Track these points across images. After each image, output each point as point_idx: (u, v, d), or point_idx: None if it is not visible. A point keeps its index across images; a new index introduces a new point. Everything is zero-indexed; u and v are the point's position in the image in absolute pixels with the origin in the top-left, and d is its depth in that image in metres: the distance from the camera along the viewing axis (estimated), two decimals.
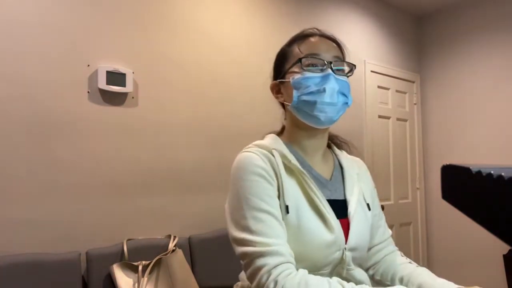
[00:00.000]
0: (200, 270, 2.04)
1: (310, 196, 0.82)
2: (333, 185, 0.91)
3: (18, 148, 1.74)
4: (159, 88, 2.17)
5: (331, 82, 0.83)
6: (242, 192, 0.78)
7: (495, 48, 3.42)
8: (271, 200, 0.78)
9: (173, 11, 2.25)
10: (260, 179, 0.79)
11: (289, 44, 0.92)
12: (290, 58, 0.89)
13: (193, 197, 2.23)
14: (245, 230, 0.75)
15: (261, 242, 0.73)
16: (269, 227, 0.74)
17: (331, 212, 0.83)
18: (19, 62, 1.76)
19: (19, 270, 1.60)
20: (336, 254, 0.81)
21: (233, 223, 0.78)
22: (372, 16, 3.52)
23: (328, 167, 0.94)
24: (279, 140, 0.90)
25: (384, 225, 1.03)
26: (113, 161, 1.99)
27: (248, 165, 0.80)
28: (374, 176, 3.80)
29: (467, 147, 3.55)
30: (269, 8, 2.71)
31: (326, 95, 0.83)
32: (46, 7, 1.84)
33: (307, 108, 0.84)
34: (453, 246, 3.63)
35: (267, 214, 0.76)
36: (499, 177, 0.50)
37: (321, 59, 0.85)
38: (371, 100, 3.41)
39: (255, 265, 0.72)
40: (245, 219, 0.75)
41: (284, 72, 0.90)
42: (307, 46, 0.87)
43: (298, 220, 0.79)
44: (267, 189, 0.78)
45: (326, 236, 0.80)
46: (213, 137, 2.34)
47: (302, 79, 0.84)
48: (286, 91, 0.90)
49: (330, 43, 0.90)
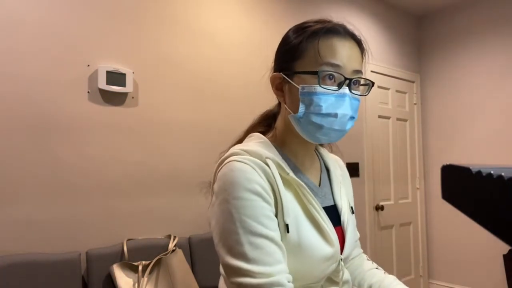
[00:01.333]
0: (200, 270, 2.04)
1: (308, 208, 0.76)
2: (322, 191, 0.85)
3: (18, 148, 1.74)
4: (159, 88, 2.17)
5: (344, 106, 0.73)
6: (236, 214, 0.67)
7: (495, 48, 3.42)
8: (269, 222, 0.69)
9: (173, 11, 2.25)
10: (256, 198, 0.69)
11: (307, 37, 0.75)
12: (305, 57, 0.75)
13: (193, 197, 2.24)
14: (240, 258, 0.66)
15: (260, 272, 0.65)
16: (267, 254, 0.66)
17: (329, 223, 0.78)
18: (19, 62, 1.76)
19: (19, 270, 1.60)
20: (333, 266, 0.79)
21: (225, 248, 0.68)
22: (372, 16, 3.52)
23: (316, 170, 0.88)
24: (271, 145, 0.80)
25: (358, 237, 0.99)
26: (113, 161, 1.99)
27: (242, 180, 0.69)
28: (374, 176, 3.77)
29: (467, 147, 3.55)
30: (270, 8, 2.71)
31: (337, 122, 0.73)
32: (46, 7, 1.84)
33: (312, 128, 0.75)
34: (453, 246, 3.63)
35: (265, 239, 0.67)
36: (499, 177, 0.49)
37: (342, 74, 0.73)
38: (371, 100, 3.41)
39: None
40: (241, 245, 0.66)
41: (293, 71, 0.76)
42: (329, 50, 0.73)
43: (298, 238, 0.72)
44: (265, 208, 0.69)
45: (326, 250, 0.75)
46: (213, 137, 2.34)
47: (314, 96, 0.72)
48: (290, 95, 0.77)
49: (354, 50, 0.76)
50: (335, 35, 0.75)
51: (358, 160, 3.26)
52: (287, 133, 0.82)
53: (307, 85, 0.73)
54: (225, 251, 0.68)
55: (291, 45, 0.78)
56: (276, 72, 0.81)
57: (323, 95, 0.72)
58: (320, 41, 0.74)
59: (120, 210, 1.99)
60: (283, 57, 0.80)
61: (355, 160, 3.24)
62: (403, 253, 3.59)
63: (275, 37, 2.79)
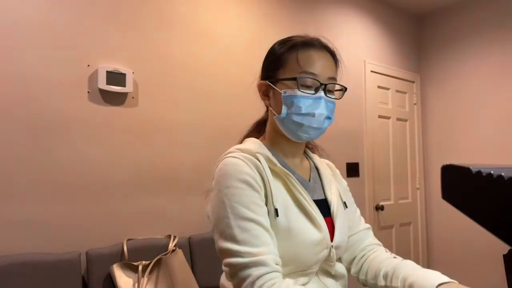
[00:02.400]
0: (200, 270, 2.04)
1: (297, 197, 0.83)
2: (313, 186, 0.93)
3: (18, 148, 1.74)
4: (159, 88, 2.17)
5: (321, 107, 0.84)
6: (227, 201, 0.76)
7: (495, 47, 3.42)
8: (257, 208, 0.76)
9: (173, 11, 2.25)
10: (246, 187, 0.77)
11: (288, 49, 0.88)
12: (286, 66, 0.87)
13: (193, 197, 2.23)
14: (231, 240, 0.73)
15: (246, 252, 0.72)
16: (255, 237, 0.73)
17: (317, 211, 0.84)
18: (19, 62, 1.76)
19: (19, 270, 1.60)
20: (324, 252, 0.83)
21: (218, 233, 0.76)
22: (372, 16, 3.52)
23: (306, 169, 0.96)
24: (261, 144, 0.90)
25: (359, 217, 1.03)
26: (113, 161, 1.99)
27: (233, 172, 0.78)
28: (374, 176, 3.76)
29: (467, 147, 3.55)
30: (269, 9, 2.71)
31: (314, 121, 0.84)
32: (46, 7, 1.84)
33: (293, 126, 0.86)
34: (453, 246, 3.63)
35: (253, 223, 0.74)
36: (499, 177, 0.50)
37: (318, 80, 0.84)
38: (371, 100, 3.41)
39: (239, 276, 0.71)
40: (231, 228, 0.74)
41: (276, 78, 0.88)
42: (307, 61, 0.85)
43: (287, 222, 0.79)
44: (254, 196, 0.77)
45: (315, 235, 0.81)
46: (213, 137, 2.34)
47: (295, 99, 0.84)
48: (274, 99, 0.89)
49: (328, 60, 0.88)
50: (311, 47, 0.87)
51: (358, 160, 3.26)
52: (275, 135, 0.93)
53: (289, 90, 0.85)
54: (218, 235, 0.76)
55: (275, 56, 0.91)
56: (262, 80, 0.94)
57: (302, 98, 0.84)
58: (299, 52, 0.86)
59: (120, 210, 1.99)
60: (269, 67, 0.93)
61: (355, 160, 3.23)
62: (403, 253, 3.59)
63: (275, 37, 2.77)
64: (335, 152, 3.11)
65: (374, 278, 0.91)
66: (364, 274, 0.95)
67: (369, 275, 0.93)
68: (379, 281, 0.88)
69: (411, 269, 0.83)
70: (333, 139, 3.05)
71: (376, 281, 0.89)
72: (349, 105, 3.23)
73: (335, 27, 3.17)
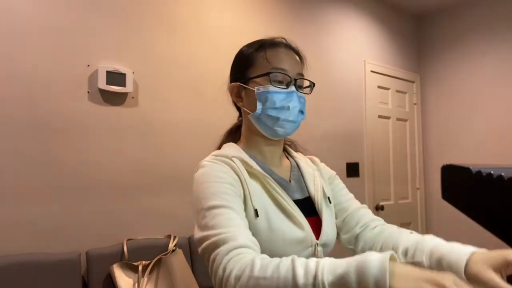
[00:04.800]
0: (200, 270, 2.04)
1: (276, 198, 0.83)
2: (294, 186, 0.92)
3: (18, 148, 1.74)
4: (159, 88, 2.17)
5: (294, 101, 0.87)
6: (201, 194, 0.78)
7: (495, 47, 3.42)
8: (229, 197, 0.77)
9: (173, 11, 2.25)
10: (220, 181, 0.79)
11: (256, 49, 0.92)
12: (256, 65, 0.90)
13: None
14: (204, 229, 0.73)
15: (216, 233, 0.71)
16: (226, 219, 0.73)
17: (297, 210, 0.84)
18: (19, 62, 1.76)
19: (19, 270, 1.60)
20: (308, 250, 0.83)
21: (197, 227, 0.77)
22: (372, 16, 3.52)
23: (286, 168, 0.96)
24: (238, 147, 0.91)
25: (352, 199, 1.00)
26: (113, 161, 1.99)
27: (209, 171, 0.81)
28: (374, 176, 3.75)
29: (467, 147, 3.55)
30: (270, 9, 2.71)
31: (290, 113, 0.86)
32: (46, 7, 1.84)
33: (269, 122, 0.87)
34: None
35: (224, 208, 0.74)
36: (499, 177, 0.50)
37: (288, 75, 0.87)
38: (371, 100, 3.41)
39: (211, 258, 0.70)
40: (204, 217, 0.74)
41: (248, 78, 0.90)
42: (276, 58, 0.88)
43: (268, 222, 0.79)
44: (226, 188, 0.78)
45: (296, 233, 0.81)
46: (213, 137, 2.33)
47: (268, 93, 0.86)
48: (247, 98, 0.91)
49: (295, 58, 0.92)
50: (278, 46, 0.91)
51: (358, 160, 3.26)
52: (251, 136, 0.94)
53: (262, 86, 0.87)
54: (196, 229, 0.77)
55: (243, 57, 0.94)
56: (233, 83, 0.95)
57: (275, 92, 0.86)
58: (267, 51, 0.90)
59: (120, 210, 1.99)
60: (238, 68, 0.95)
61: (355, 160, 3.23)
62: None
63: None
64: (335, 152, 3.11)
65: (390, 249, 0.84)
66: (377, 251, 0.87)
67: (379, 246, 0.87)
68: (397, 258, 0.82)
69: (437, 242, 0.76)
70: (333, 139, 3.05)
71: None
72: (349, 105, 3.23)
73: (335, 27, 3.17)
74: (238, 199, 0.79)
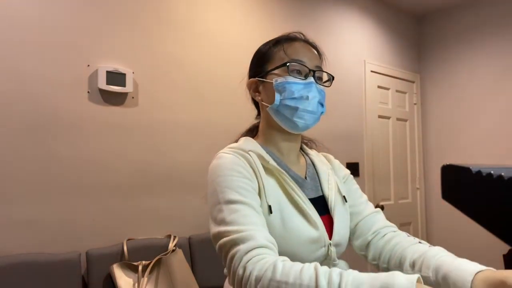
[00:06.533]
0: (200, 270, 2.04)
1: (291, 195, 0.83)
2: (309, 184, 0.91)
3: (18, 148, 1.74)
4: (159, 88, 2.17)
5: (313, 91, 0.86)
6: (218, 187, 0.77)
7: (495, 47, 3.42)
8: (247, 192, 0.77)
9: (173, 11, 2.25)
10: (237, 174, 0.78)
11: (274, 44, 0.92)
12: (274, 59, 0.89)
13: (193, 197, 2.23)
14: (221, 223, 0.74)
15: (234, 230, 0.71)
16: (243, 216, 0.73)
17: (312, 209, 0.83)
18: (19, 62, 1.76)
19: (19, 270, 1.60)
20: (321, 250, 0.82)
21: (212, 220, 0.77)
22: (372, 16, 3.52)
23: (302, 165, 0.95)
24: (255, 142, 0.91)
25: (366, 202, 0.98)
26: (113, 161, 1.99)
27: (225, 164, 0.80)
28: (374, 176, 3.76)
29: (467, 147, 3.55)
30: (270, 9, 2.71)
31: (309, 104, 0.85)
32: (46, 7, 1.84)
33: (288, 112, 0.86)
34: (453, 246, 3.62)
35: (242, 204, 0.74)
36: (499, 177, 0.50)
37: (307, 66, 0.86)
38: (371, 100, 3.41)
39: (229, 256, 0.70)
40: (221, 212, 0.74)
41: (265, 72, 0.90)
42: (293, 51, 0.88)
43: (282, 219, 0.79)
44: (244, 182, 0.78)
45: (311, 232, 0.80)
46: (213, 137, 2.34)
47: (286, 84, 0.85)
48: (266, 92, 0.90)
49: (313, 51, 0.92)
50: (296, 40, 0.92)
51: (358, 160, 3.26)
52: (269, 131, 0.93)
53: (280, 77, 0.87)
54: (211, 222, 0.77)
55: (261, 53, 0.94)
56: (252, 79, 0.94)
57: (293, 83, 0.85)
58: (285, 45, 0.90)
59: (120, 210, 1.99)
60: (256, 64, 0.94)
61: (355, 160, 3.23)
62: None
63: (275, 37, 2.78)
64: (335, 152, 3.09)
65: (399, 265, 0.83)
66: (385, 262, 0.87)
67: (392, 262, 0.85)
68: (404, 270, 0.81)
69: (443, 258, 0.77)
70: (333, 139, 3.05)
71: (402, 269, 0.82)
72: (349, 105, 3.23)
73: (335, 27, 3.17)
74: (255, 194, 0.78)
